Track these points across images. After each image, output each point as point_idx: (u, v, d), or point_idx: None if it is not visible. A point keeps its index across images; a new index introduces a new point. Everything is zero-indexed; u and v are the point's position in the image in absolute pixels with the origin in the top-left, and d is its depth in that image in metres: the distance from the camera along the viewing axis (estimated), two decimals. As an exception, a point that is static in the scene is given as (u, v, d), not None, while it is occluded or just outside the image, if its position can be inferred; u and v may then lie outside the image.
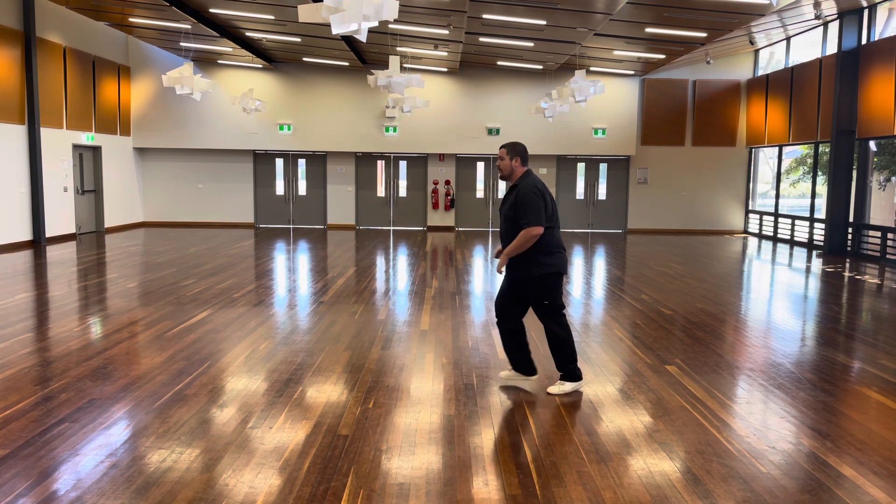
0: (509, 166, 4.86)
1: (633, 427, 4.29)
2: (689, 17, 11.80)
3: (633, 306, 8.25)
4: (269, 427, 4.20)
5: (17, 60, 13.15)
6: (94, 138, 15.85)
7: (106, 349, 5.92)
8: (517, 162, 4.86)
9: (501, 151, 4.88)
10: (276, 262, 11.89)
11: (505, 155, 4.85)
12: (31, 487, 3.37)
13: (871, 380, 5.38)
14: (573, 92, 13.25)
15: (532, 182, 4.77)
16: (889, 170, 14.56)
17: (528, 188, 4.74)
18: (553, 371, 5.24)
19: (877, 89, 13.02)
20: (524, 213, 4.67)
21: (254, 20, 13.26)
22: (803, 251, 14.78)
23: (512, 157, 4.85)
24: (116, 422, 4.25)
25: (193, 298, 8.24)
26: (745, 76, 18.29)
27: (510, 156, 4.85)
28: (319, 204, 19.00)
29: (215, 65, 18.00)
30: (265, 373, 5.31)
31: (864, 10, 13.50)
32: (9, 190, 13.11)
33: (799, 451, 3.96)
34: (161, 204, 18.59)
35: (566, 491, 3.42)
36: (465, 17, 11.84)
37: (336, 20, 6.30)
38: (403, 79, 11.99)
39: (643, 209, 18.90)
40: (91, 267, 10.88)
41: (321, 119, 18.14)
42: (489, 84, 18.19)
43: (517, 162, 4.86)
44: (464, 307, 7.93)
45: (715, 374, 5.44)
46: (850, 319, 7.92)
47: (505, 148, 4.88)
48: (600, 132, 18.25)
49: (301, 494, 3.34)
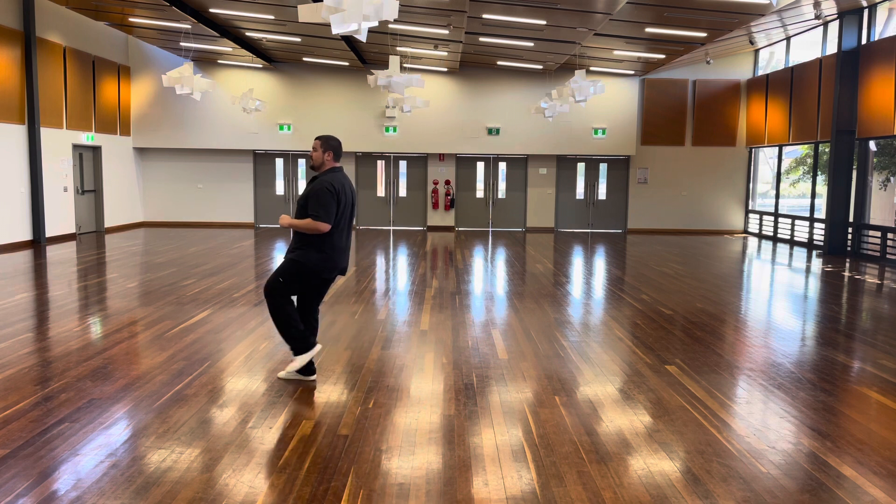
0: (321, 158, 4.98)
1: (633, 427, 4.29)
2: (689, 17, 11.80)
3: (633, 306, 8.25)
4: (269, 427, 4.20)
5: (17, 60, 13.15)
6: (94, 138, 15.84)
7: (106, 349, 5.92)
8: (329, 156, 4.99)
9: (316, 143, 4.98)
10: (276, 262, 11.88)
11: (318, 147, 4.97)
12: (31, 487, 3.37)
13: (871, 380, 5.38)
14: (573, 92, 13.25)
15: (331, 179, 4.92)
16: (889, 170, 14.57)
17: (324, 184, 4.91)
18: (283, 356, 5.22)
19: (877, 89, 13.02)
20: (314, 207, 4.83)
21: (254, 20, 13.26)
22: (803, 251, 14.78)
23: (325, 150, 4.97)
24: (116, 422, 4.25)
25: (193, 298, 8.24)
26: (745, 76, 18.29)
27: (323, 149, 4.97)
28: (319, 204, 18.95)
29: (215, 65, 18.00)
30: (265, 373, 5.31)
31: (864, 10, 13.50)
32: (9, 190, 13.11)
33: (799, 451, 3.96)
34: (161, 204, 18.59)
35: (566, 491, 3.42)
36: (465, 17, 11.83)
37: (336, 20, 6.30)
38: (403, 79, 11.98)
39: (643, 209, 18.90)
40: (91, 267, 10.88)
41: (321, 119, 18.13)
42: (489, 84, 18.18)
43: (329, 156, 4.99)
44: (464, 307, 7.93)
45: (715, 374, 5.44)
46: (850, 319, 7.92)
47: (319, 140, 4.98)
48: (600, 132, 18.25)
49: (301, 494, 3.34)
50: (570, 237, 17.38)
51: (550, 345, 6.30)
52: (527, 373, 5.40)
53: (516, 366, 5.59)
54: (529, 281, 10.11)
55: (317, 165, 4.99)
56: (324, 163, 4.97)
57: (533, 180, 18.96)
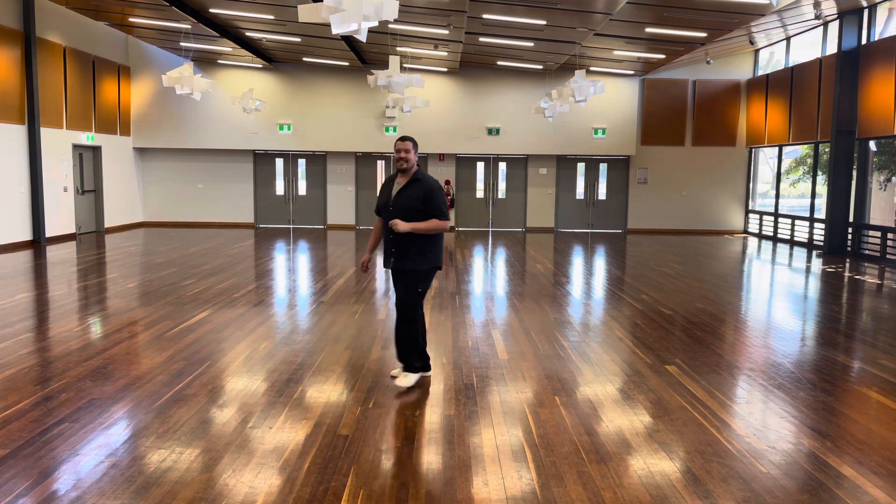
0: (414, 160, 4.88)
1: (633, 427, 4.29)
2: (689, 17, 11.80)
3: (633, 306, 8.25)
4: (269, 427, 4.20)
5: (17, 60, 13.15)
6: (94, 138, 15.85)
7: (106, 349, 5.92)
8: (416, 156, 4.93)
9: (407, 144, 4.83)
10: (276, 262, 11.89)
11: (410, 149, 4.84)
12: (31, 487, 3.37)
13: (871, 380, 5.38)
14: (573, 92, 13.24)
15: (433, 178, 4.94)
16: (889, 170, 14.56)
17: (434, 183, 4.88)
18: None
19: (877, 89, 13.02)
20: (438, 207, 4.82)
21: (254, 20, 13.26)
22: (803, 251, 14.78)
23: (416, 151, 4.90)
24: (116, 422, 4.25)
25: (193, 298, 8.24)
26: (745, 76, 18.29)
27: (415, 150, 4.89)
28: (319, 204, 19.00)
29: (215, 65, 18.01)
30: (265, 373, 5.31)
31: (864, 10, 13.50)
32: (9, 190, 13.11)
33: (799, 451, 3.96)
34: (161, 204, 18.59)
35: (566, 491, 3.42)
36: (465, 17, 11.83)
37: (336, 20, 6.30)
38: (403, 79, 11.98)
39: (643, 209, 18.90)
40: (91, 267, 10.88)
41: (321, 119, 18.14)
42: (489, 84, 18.19)
43: (416, 156, 4.93)
44: (464, 307, 7.93)
45: (715, 374, 5.44)
46: (850, 319, 7.92)
47: (410, 142, 4.86)
48: (600, 132, 18.25)
49: (301, 494, 3.34)
50: (570, 237, 17.38)
51: (550, 345, 6.30)
52: (527, 373, 5.40)
53: (516, 366, 5.59)
54: (529, 281, 10.11)
55: (409, 167, 4.85)
56: (414, 164, 4.89)
57: (533, 180, 18.96)
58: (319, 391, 4.89)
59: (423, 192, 4.81)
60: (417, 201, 4.79)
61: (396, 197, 4.85)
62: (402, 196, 4.83)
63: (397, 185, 4.89)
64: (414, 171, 4.88)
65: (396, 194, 4.85)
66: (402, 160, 4.84)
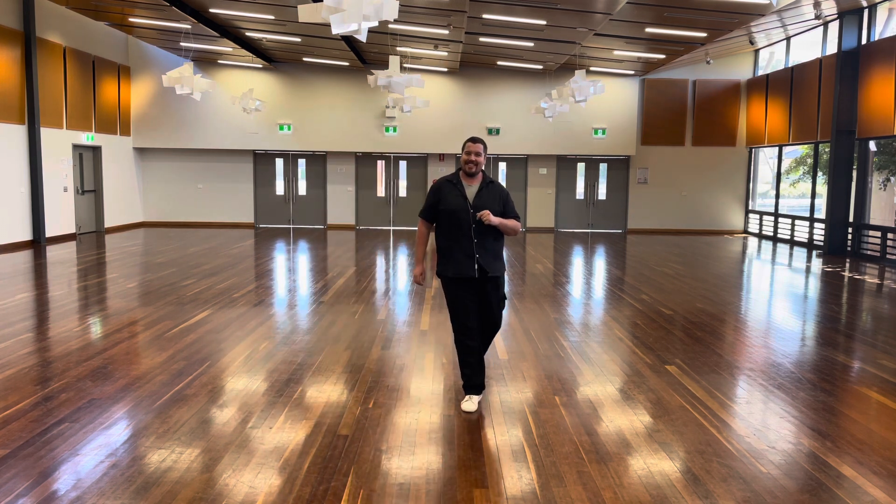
0: (484, 162, 4.73)
1: (633, 427, 4.29)
2: (689, 17, 11.80)
3: (633, 306, 8.25)
4: (269, 427, 4.20)
5: (17, 60, 13.15)
6: (94, 138, 15.84)
7: (106, 349, 5.92)
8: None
9: (479, 147, 4.62)
10: (276, 262, 11.89)
11: (482, 151, 4.63)
12: (31, 487, 3.37)
13: (871, 380, 5.38)
14: (573, 92, 13.25)
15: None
16: (889, 170, 14.56)
17: (504, 187, 4.80)
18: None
19: (877, 89, 13.02)
20: (514, 209, 4.74)
21: (254, 20, 13.26)
22: (803, 251, 14.78)
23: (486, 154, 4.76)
24: (116, 422, 4.25)
25: (193, 298, 8.24)
26: (745, 76, 18.29)
27: (485, 152, 4.71)
28: (319, 204, 19.00)
29: (215, 65, 18.00)
30: (265, 373, 5.31)
31: (864, 10, 13.50)
32: (9, 190, 13.11)
33: (799, 451, 3.96)
34: (161, 204, 18.59)
35: (566, 491, 3.42)
36: (465, 17, 11.83)
37: (336, 20, 6.30)
38: (403, 79, 11.98)
39: (643, 209, 18.90)
40: (91, 267, 10.88)
41: (321, 119, 18.14)
42: (489, 84, 18.19)
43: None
44: (464, 307, 7.92)
45: (715, 374, 5.44)
46: (850, 319, 7.92)
47: (481, 144, 4.64)
48: (600, 132, 18.25)
49: (301, 494, 3.34)
50: (570, 237, 17.38)
51: (550, 345, 6.30)
52: (527, 373, 5.40)
53: (516, 366, 5.59)
54: (529, 281, 10.11)
55: (478, 170, 4.64)
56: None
57: (533, 180, 18.96)
58: (319, 391, 4.89)
59: (503, 195, 4.68)
60: (499, 203, 4.62)
61: (477, 199, 4.58)
62: (483, 198, 4.59)
63: (469, 188, 4.65)
64: (482, 174, 4.72)
65: (476, 196, 4.61)
66: (474, 163, 4.61)
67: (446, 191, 4.64)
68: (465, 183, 4.66)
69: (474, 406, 4.57)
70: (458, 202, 4.58)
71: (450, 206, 4.60)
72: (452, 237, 4.61)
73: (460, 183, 4.65)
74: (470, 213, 4.55)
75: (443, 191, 4.66)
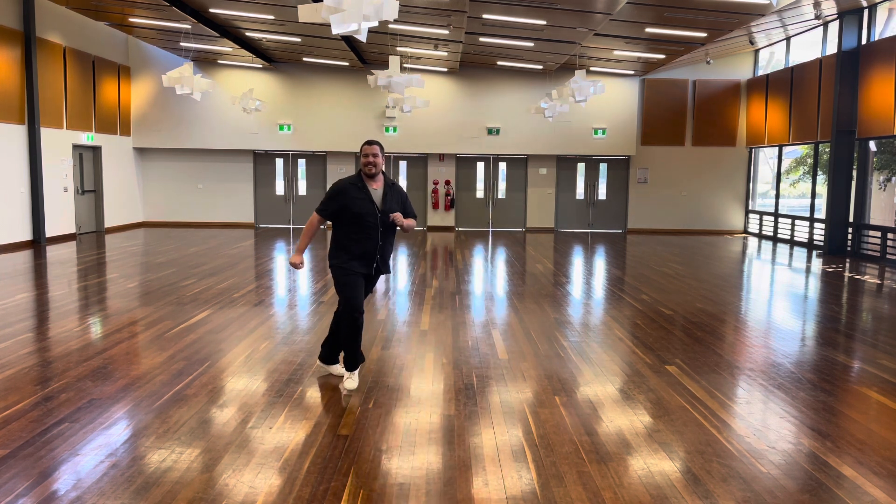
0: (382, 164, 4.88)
1: (633, 427, 4.29)
2: (689, 17, 11.80)
3: (633, 306, 8.25)
4: (269, 427, 4.20)
5: (17, 60, 13.15)
6: (94, 138, 15.85)
7: (106, 349, 5.92)
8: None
9: (375, 148, 4.79)
10: (276, 262, 11.89)
11: (379, 153, 4.81)
12: (31, 487, 3.37)
13: (871, 380, 5.38)
14: (573, 92, 13.25)
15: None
16: (889, 170, 14.57)
17: (402, 187, 5.01)
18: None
19: (877, 89, 13.02)
20: (412, 208, 5.07)
21: (254, 20, 13.26)
22: (803, 251, 14.78)
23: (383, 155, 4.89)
24: (116, 422, 4.25)
25: (193, 298, 8.24)
26: (745, 76, 18.29)
27: (383, 154, 4.86)
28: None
29: (215, 65, 18.00)
30: (265, 373, 5.31)
31: (864, 10, 13.50)
32: (9, 190, 13.11)
33: (799, 451, 3.96)
34: (161, 204, 18.59)
35: (566, 491, 3.42)
36: (465, 17, 11.84)
37: (336, 20, 6.30)
38: (403, 79, 11.99)
39: (643, 209, 18.90)
40: (91, 267, 10.88)
41: (321, 119, 18.14)
42: (489, 84, 18.18)
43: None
44: (464, 307, 7.93)
45: (715, 374, 5.44)
46: (850, 319, 7.92)
47: (378, 146, 4.82)
48: (600, 132, 18.25)
49: (301, 494, 3.34)
50: (570, 237, 17.38)
51: (550, 345, 6.30)
52: (527, 373, 5.40)
53: (516, 366, 5.59)
54: (529, 281, 10.11)
55: (377, 172, 4.83)
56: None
57: (533, 180, 18.96)
58: (319, 391, 4.89)
59: (403, 196, 5.02)
60: (401, 205, 4.94)
61: (384, 203, 4.83)
62: (389, 202, 4.85)
63: (374, 192, 4.84)
64: (382, 176, 4.92)
65: (383, 200, 4.83)
66: (372, 164, 4.79)
67: (352, 194, 4.79)
68: (369, 186, 4.83)
69: (355, 384, 4.94)
70: (366, 206, 4.77)
71: (356, 209, 4.76)
72: (355, 238, 4.82)
73: (365, 186, 4.81)
74: (378, 216, 4.78)
75: (348, 194, 4.80)
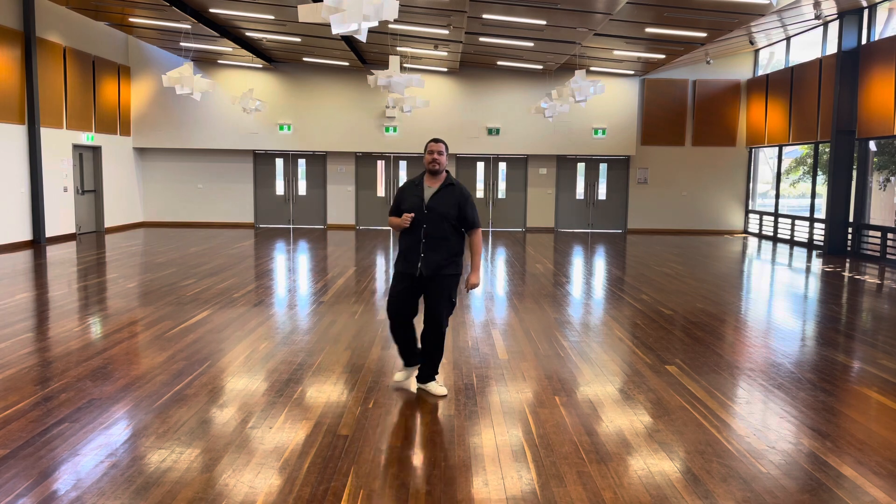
0: (445, 163, 4.82)
1: (633, 427, 4.29)
2: (689, 17, 11.80)
3: (633, 306, 8.25)
4: (269, 427, 4.20)
5: (17, 60, 13.15)
6: (94, 138, 15.84)
7: (106, 349, 5.92)
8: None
9: (441, 146, 4.78)
10: (276, 262, 11.89)
11: (444, 151, 4.80)
12: (31, 487, 3.36)
13: (871, 380, 5.38)
14: (573, 92, 13.25)
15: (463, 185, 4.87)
16: (889, 170, 14.57)
17: (466, 189, 4.82)
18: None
19: (877, 89, 13.02)
20: (475, 215, 4.78)
21: (254, 20, 13.26)
22: (803, 251, 14.78)
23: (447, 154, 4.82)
24: (116, 422, 4.25)
25: (193, 298, 8.24)
26: (745, 76, 18.29)
27: (447, 151, 4.83)
28: (319, 204, 18.99)
29: (215, 65, 18.00)
30: (265, 373, 5.31)
31: (864, 10, 13.50)
32: (9, 190, 13.11)
33: (799, 451, 3.96)
34: (161, 204, 18.58)
35: (566, 491, 3.42)
36: (465, 17, 11.83)
37: (336, 20, 6.30)
38: (403, 79, 11.98)
39: (643, 209, 18.90)
40: (91, 267, 10.88)
41: (321, 119, 18.14)
42: (489, 84, 18.18)
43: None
44: (464, 307, 7.93)
45: (715, 374, 5.44)
46: (850, 319, 7.92)
47: (444, 144, 4.81)
48: (600, 132, 18.25)
49: (301, 494, 3.34)
50: (570, 237, 17.38)
51: (550, 345, 6.30)
52: (527, 373, 5.40)
53: (516, 366, 5.59)
54: (529, 281, 10.11)
55: (440, 169, 4.80)
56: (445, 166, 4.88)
57: (533, 180, 18.96)
58: (319, 391, 4.89)
59: (461, 200, 4.71)
60: (453, 208, 4.67)
61: (432, 200, 4.67)
62: (438, 200, 4.67)
63: (428, 189, 4.73)
64: (445, 175, 4.81)
65: (431, 198, 4.68)
66: (435, 161, 4.73)
67: (408, 191, 4.80)
68: (427, 184, 4.78)
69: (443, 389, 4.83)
70: (414, 202, 4.72)
71: (405, 205, 4.74)
72: (402, 233, 4.78)
73: (422, 184, 4.79)
74: (424, 213, 4.67)
75: (405, 191, 4.83)
